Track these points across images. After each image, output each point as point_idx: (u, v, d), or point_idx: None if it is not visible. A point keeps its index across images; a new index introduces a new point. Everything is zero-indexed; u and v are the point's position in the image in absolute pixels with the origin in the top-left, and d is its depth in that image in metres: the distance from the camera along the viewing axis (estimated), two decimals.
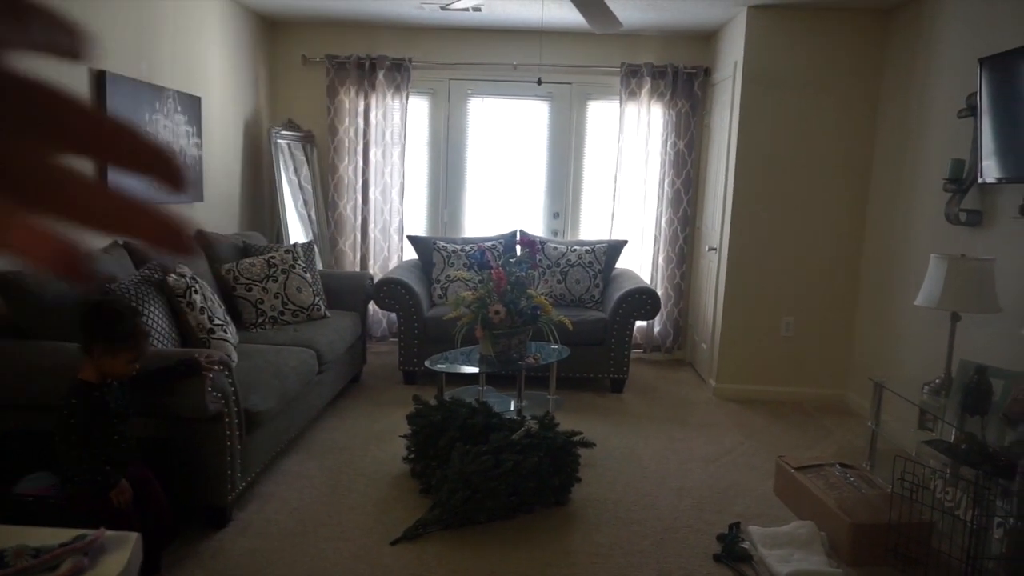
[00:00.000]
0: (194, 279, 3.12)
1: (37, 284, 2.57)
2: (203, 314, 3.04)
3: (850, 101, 4.37)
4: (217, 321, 3.12)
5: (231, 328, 3.27)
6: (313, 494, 2.98)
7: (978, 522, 2.47)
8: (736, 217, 4.50)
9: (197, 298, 3.05)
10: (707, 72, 5.12)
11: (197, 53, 4.19)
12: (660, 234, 5.27)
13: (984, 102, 3.09)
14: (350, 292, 4.48)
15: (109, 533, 1.35)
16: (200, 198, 4.22)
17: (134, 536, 1.35)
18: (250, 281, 3.83)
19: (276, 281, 3.91)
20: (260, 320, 3.83)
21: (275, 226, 5.05)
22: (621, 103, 5.16)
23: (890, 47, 4.26)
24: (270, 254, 4.00)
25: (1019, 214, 2.88)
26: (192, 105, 4.06)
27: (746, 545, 2.64)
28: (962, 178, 3.37)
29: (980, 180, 3.15)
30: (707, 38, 5.18)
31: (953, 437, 2.87)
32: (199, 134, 4.15)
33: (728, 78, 4.65)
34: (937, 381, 3.11)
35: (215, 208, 4.48)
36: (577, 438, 3.08)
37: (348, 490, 3.02)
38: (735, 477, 3.33)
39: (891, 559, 2.59)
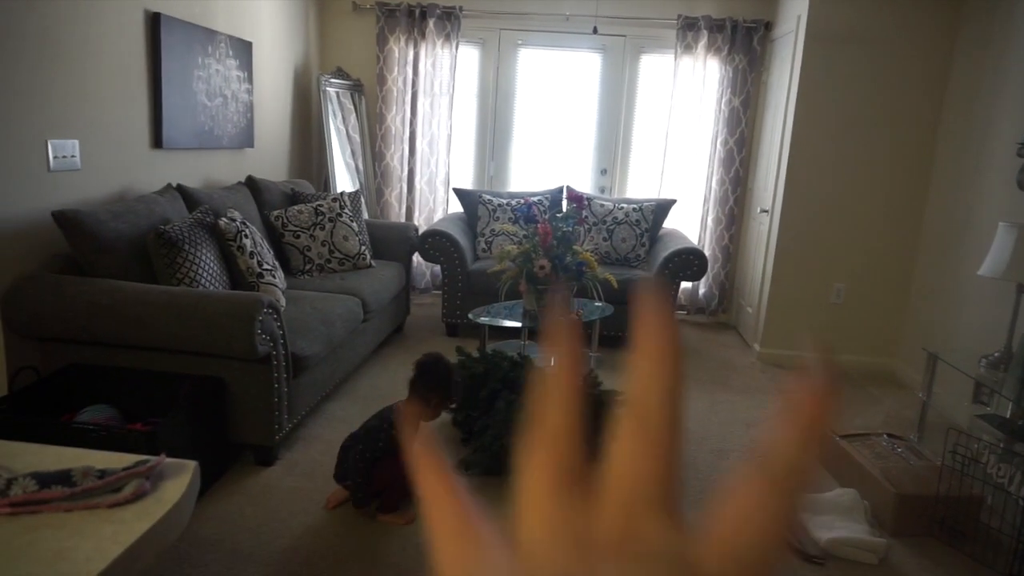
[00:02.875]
0: (244, 224, 3.16)
1: (96, 222, 2.63)
2: (252, 259, 3.09)
3: (920, 59, 4.15)
4: (266, 266, 3.17)
5: (279, 273, 3.32)
6: None
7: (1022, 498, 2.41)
8: (790, 179, 4.36)
9: (247, 242, 3.09)
10: (767, 26, 4.92)
11: None
12: (710, 194, 5.15)
13: None
14: (395, 243, 4.50)
15: (168, 460, 1.40)
16: (251, 144, 4.25)
17: (192, 464, 1.39)
18: (298, 228, 3.87)
19: (323, 229, 3.94)
20: (307, 267, 3.88)
21: (323, 175, 5.08)
22: (676, 57, 4.99)
23: (965, 6, 4.01)
24: (318, 202, 4.03)
25: None
26: (244, 50, 4.07)
27: None
28: None
29: None
30: None
31: (1010, 412, 2.78)
32: (250, 80, 4.16)
33: (790, 33, 4.45)
34: (996, 355, 3.00)
35: (265, 155, 4.52)
36: (618, 396, 3.07)
37: None
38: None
39: (937, 531, 2.54)
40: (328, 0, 5.27)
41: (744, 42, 4.92)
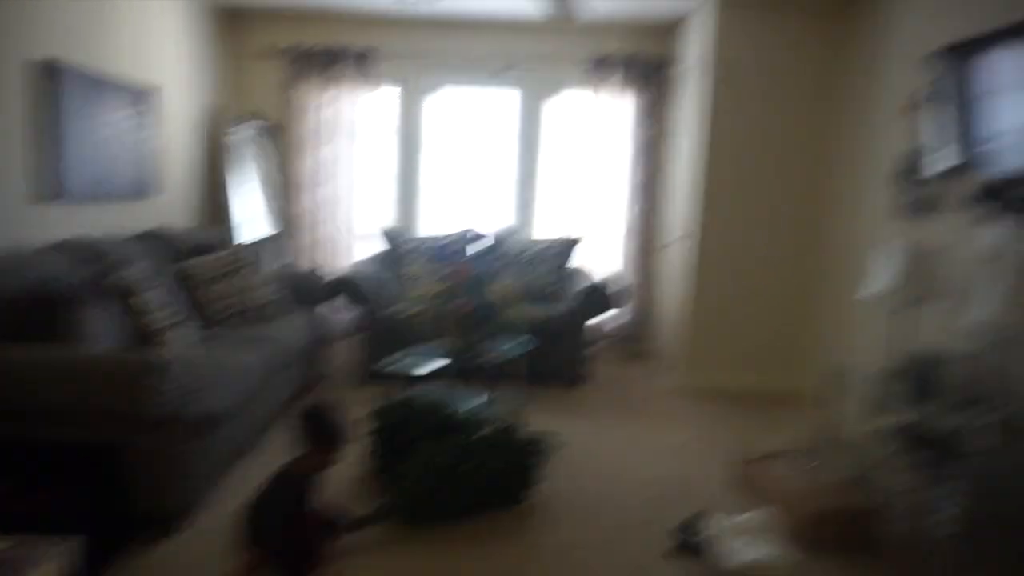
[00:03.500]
0: (148, 276, 3.05)
1: None
2: (156, 312, 2.98)
3: (810, 93, 4.41)
4: (172, 320, 3.06)
5: (188, 326, 3.21)
6: None
7: (929, 505, 2.53)
8: (701, 208, 4.52)
9: (150, 296, 2.98)
10: (673, 63, 5.14)
11: (153, 43, 4.10)
12: (625, 225, 5.29)
13: (935, 95, 3.14)
14: (310, 289, 4.43)
15: (46, 540, 1.31)
16: (158, 192, 4.13)
17: (72, 543, 1.31)
18: (207, 278, 3.77)
19: (234, 278, 3.85)
20: (219, 318, 3.76)
21: (235, 221, 4.96)
22: (587, 94, 5.15)
23: (848, 41, 4.31)
24: (228, 251, 3.93)
25: (967, 204, 2.93)
26: (148, 96, 3.97)
27: (705, 535, 2.67)
28: (912, 169, 3.42)
29: (930, 171, 3.21)
30: (673, 29, 5.19)
31: (906, 423, 2.93)
32: (156, 125, 4.06)
33: (694, 69, 4.67)
34: (891, 369, 3.16)
35: (173, 202, 4.40)
36: (543, 444, 3.07)
37: None
38: (696, 468, 3.37)
39: (846, 544, 2.64)
40: (239, 44, 5.22)
41: (652, 78, 5.12)
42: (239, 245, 4.05)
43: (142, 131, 3.94)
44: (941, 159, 3.13)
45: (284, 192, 5.23)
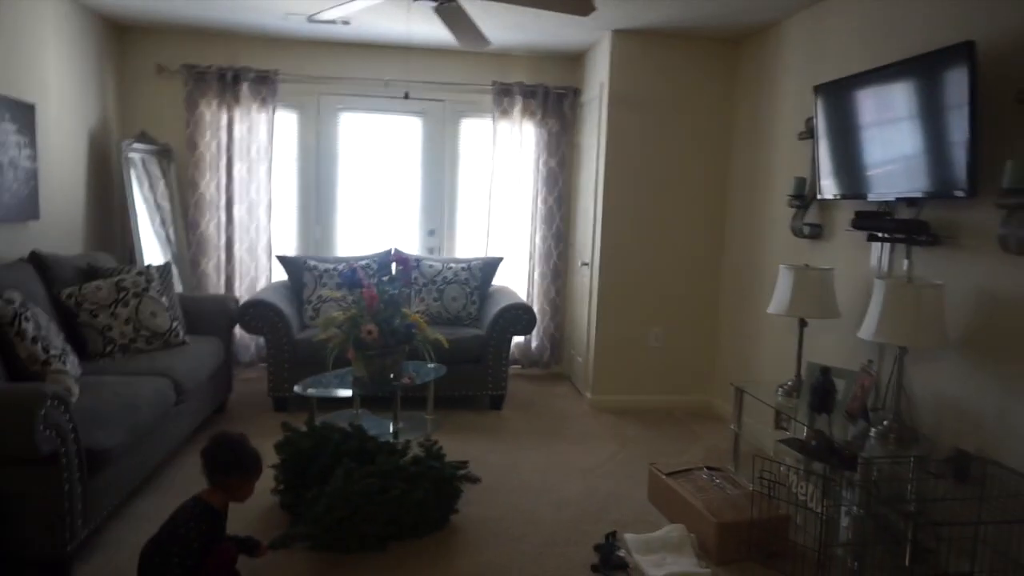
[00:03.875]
0: (24, 305, 2.81)
1: None
2: (36, 344, 2.75)
3: (708, 121, 4.65)
4: (54, 351, 2.83)
5: (72, 358, 2.98)
6: None
7: (827, 513, 2.66)
8: (606, 233, 4.64)
9: (28, 326, 2.75)
10: (576, 92, 5.29)
11: (30, 56, 3.82)
12: (535, 250, 5.36)
13: (820, 126, 3.37)
14: (214, 316, 4.22)
15: None
16: (35, 215, 3.83)
17: None
18: (96, 306, 3.51)
19: (127, 306, 3.61)
20: (108, 349, 3.52)
21: (127, 246, 4.67)
22: (494, 121, 5.21)
23: (741, 72, 4.57)
24: (120, 277, 3.69)
25: (851, 228, 3.15)
26: (23, 112, 3.69)
27: (622, 553, 2.70)
28: (804, 195, 3.65)
29: (819, 197, 3.43)
30: (575, 59, 5.35)
31: (804, 435, 3.08)
32: (32, 144, 3.77)
33: (595, 98, 4.81)
34: (789, 383, 3.33)
35: (54, 227, 4.09)
36: (463, 471, 3.03)
37: None
38: (612, 486, 3.41)
39: (754, 554, 2.72)
40: (130, 61, 4.96)
41: (556, 106, 5.24)
42: (136, 269, 3.80)
43: (20, 149, 3.66)
44: (827, 186, 3.35)
45: (185, 214, 4.98)
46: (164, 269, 4.05)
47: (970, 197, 2.52)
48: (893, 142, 2.88)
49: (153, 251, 4.66)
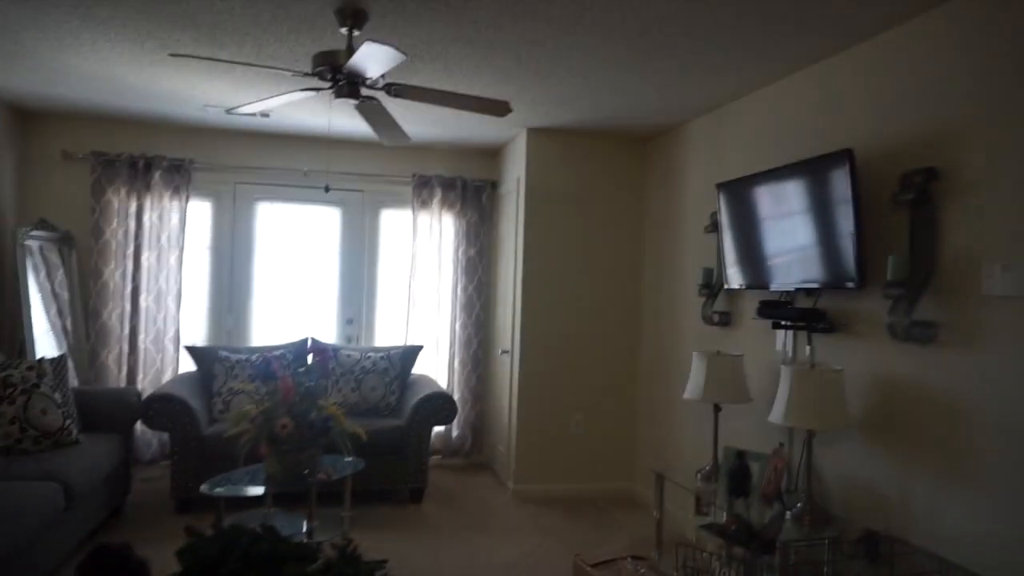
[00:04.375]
0: None
1: None
2: None
3: (620, 214, 4.87)
4: None
5: None
6: None
7: None
8: (525, 321, 4.71)
9: None
10: (494, 185, 5.46)
11: None
12: (455, 338, 5.35)
13: (723, 220, 3.60)
14: (112, 411, 3.95)
15: None
16: None
17: None
18: None
19: (13, 403, 3.34)
20: None
21: (18, 339, 4.37)
22: (413, 212, 5.29)
23: (650, 168, 4.86)
24: (7, 372, 3.43)
25: (756, 316, 3.33)
26: None
27: None
28: (712, 284, 3.85)
29: (726, 286, 3.62)
30: (493, 153, 5.55)
31: (724, 519, 3.12)
32: None
33: (513, 191, 4.98)
34: (707, 468, 3.39)
35: None
36: (381, 570, 2.87)
37: None
38: None
39: None
40: (32, 146, 4.79)
41: (474, 198, 5.38)
42: (27, 363, 3.55)
43: None
44: (733, 276, 3.55)
45: (85, 304, 4.73)
46: (58, 362, 3.80)
47: (860, 287, 2.72)
48: (789, 236, 3.11)
49: (47, 343, 4.38)
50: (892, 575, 2.52)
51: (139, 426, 4.41)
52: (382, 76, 2.83)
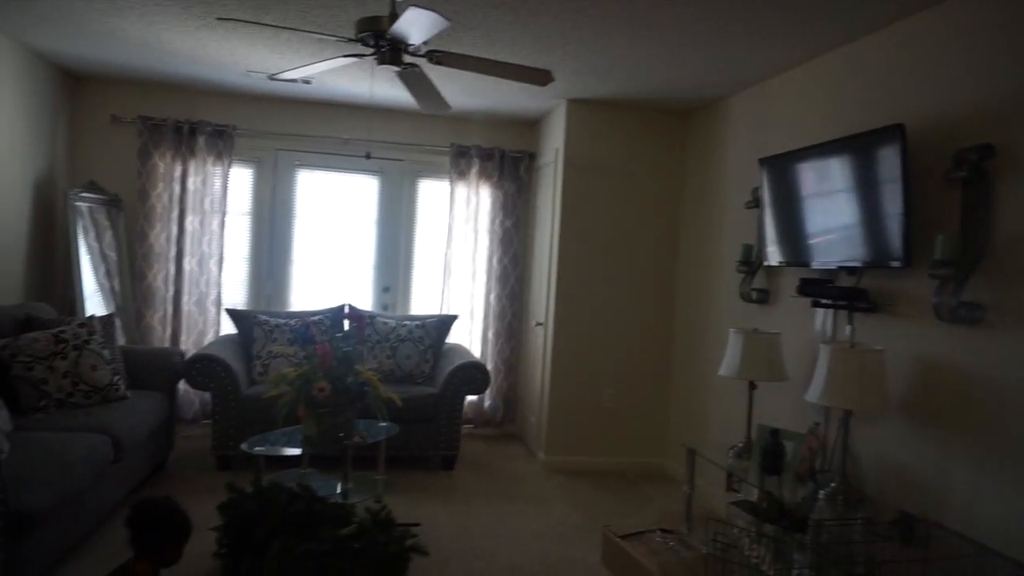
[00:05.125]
0: None
1: None
2: None
3: (659, 188, 4.81)
4: None
5: (3, 412, 2.83)
6: None
7: (779, 575, 2.67)
8: (560, 293, 4.71)
9: None
10: (532, 156, 5.43)
11: None
12: (489, 309, 5.38)
13: (765, 196, 3.53)
14: (157, 370, 4.08)
15: None
16: None
17: None
18: (32, 359, 3.37)
19: (66, 359, 3.47)
20: (43, 403, 3.36)
21: (69, 297, 4.52)
22: (451, 182, 5.29)
23: (690, 143, 4.78)
24: (59, 328, 3.56)
25: (796, 294, 3.28)
26: None
27: None
28: (751, 261, 3.79)
29: (765, 263, 3.57)
30: (531, 125, 5.51)
31: (756, 497, 3.11)
32: None
33: (551, 163, 4.95)
34: (740, 445, 3.37)
35: None
36: (411, 541, 2.91)
37: None
38: (565, 550, 3.36)
39: None
40: (82, 110, 4.90)
41: (512, 169, 5.36)
42: (78, 320, 3.67)
43: None
44: (773, 253, 3.49)
45: (132, 265, 4.86)
46: (107, 321, 3.93)
47: (905, 267, 2.66)
48: (834, 213, 3.04)
49: (96, 302, 4.52)
50: (927, 556, 2.49)
51: (182, 385, 4.54)
52: (424, 43, 2.82)
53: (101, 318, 3.88)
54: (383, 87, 4.53)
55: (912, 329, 2.74)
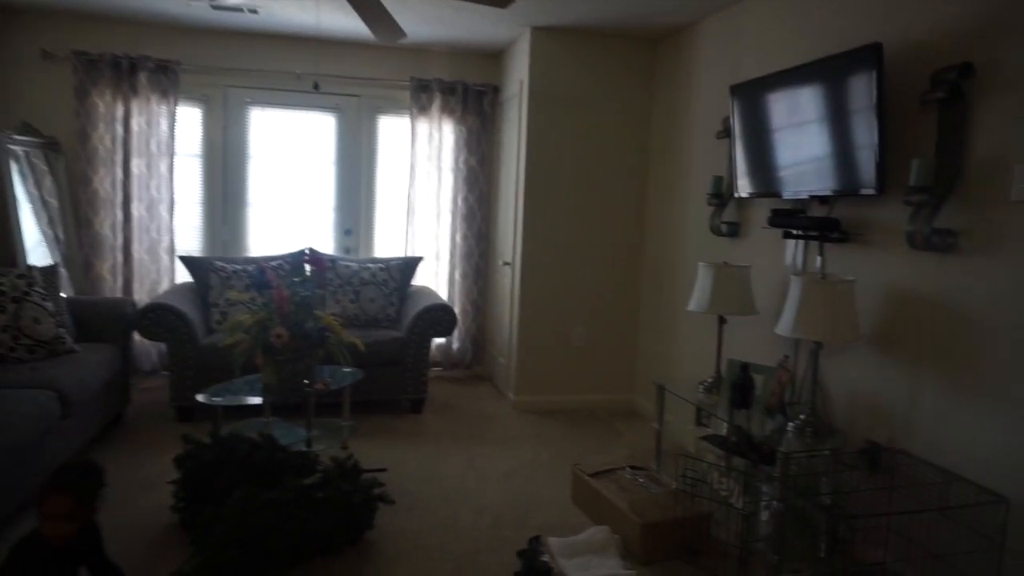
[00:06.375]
0: None
1: None
2: None
3: (626, 119, 4.66)
4: None
5: None
6: None
7: (748, 508, 2.67)
8: (527, 232, 4.59)
9: None
10: (496, 89, 5.21)
11: None
12: (455, 250, 5.25)
13: (736, 125, 3.41)
14: (108, 322, 3.90)
15: None
16: None
17: None
18: None
19: (4, 312, 3.28)
20: None
21: (8, 247, 4.27)
22: (412, 118, 5.07)
23: (658, 71, 4.61)
24: None
25: (767, 225, 3.20)
26: None
27: (546, 558, 2.63)
28: (722, 193, 3.69)
29: (736, 195, 3.47)
30: (495, 56, 5.27)
31: (725, 431, 3.10)
32: None
33: (515, 96, 4.75)
34: (709, 380, 3.34)
35: None
36: (377, 491, 2.85)
37: None
38: (534, 490, 3.34)
39: (679, 553, 2.71)
40: (8, 46, 4.55)
41: (475, 104, 5.15)
42: (16, 271, 3.47)
43: None
44: (744, 185, 3.40)
45: (76, 212, 4.61)
46: (49, 271, 3.72)
47: (879, 195, 2.58)
48: (806, 142, 2.94)
49: (40, 254, 4.29)
50: (893, 484, 2.49)
51: (137, 337, 4.38)
52: None
53: (42, 268, 3.68)
54: (332, 15, 4.26)
55: (884, 258, 2.68)
